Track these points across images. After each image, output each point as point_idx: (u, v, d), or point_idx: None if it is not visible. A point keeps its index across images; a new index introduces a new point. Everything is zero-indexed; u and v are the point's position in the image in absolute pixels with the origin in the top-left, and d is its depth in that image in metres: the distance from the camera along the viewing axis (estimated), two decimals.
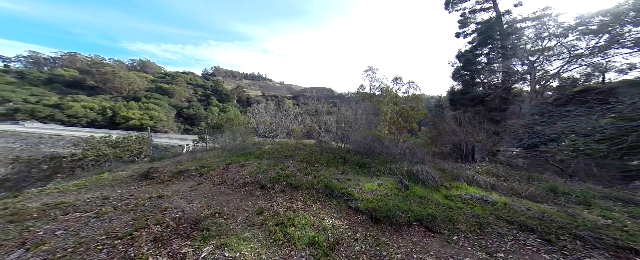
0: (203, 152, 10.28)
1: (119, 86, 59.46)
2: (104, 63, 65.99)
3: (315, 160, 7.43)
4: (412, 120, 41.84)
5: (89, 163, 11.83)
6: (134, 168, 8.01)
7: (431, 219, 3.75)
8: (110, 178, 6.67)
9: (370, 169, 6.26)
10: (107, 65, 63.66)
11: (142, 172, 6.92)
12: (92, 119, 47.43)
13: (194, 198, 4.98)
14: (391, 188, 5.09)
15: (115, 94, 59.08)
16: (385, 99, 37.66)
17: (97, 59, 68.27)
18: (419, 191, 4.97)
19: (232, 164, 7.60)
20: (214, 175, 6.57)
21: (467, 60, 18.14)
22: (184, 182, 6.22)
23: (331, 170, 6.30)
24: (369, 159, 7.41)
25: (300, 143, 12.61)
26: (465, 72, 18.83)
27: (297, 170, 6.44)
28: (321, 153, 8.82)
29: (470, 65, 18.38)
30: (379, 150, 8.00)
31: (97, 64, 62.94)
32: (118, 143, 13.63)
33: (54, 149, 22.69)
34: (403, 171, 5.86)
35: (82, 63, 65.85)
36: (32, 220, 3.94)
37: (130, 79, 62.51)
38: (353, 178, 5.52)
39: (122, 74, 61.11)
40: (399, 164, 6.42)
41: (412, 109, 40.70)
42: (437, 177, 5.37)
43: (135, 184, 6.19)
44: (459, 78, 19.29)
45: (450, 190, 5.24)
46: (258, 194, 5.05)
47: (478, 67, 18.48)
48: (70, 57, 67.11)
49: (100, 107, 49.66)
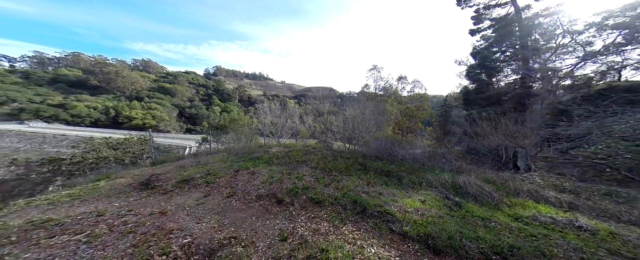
0: (207, 156, 9.63)
1: (121, 86, 59.30)
2: (107, 63, 65.91)
3: (332, 168, 6.73)
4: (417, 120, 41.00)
5: (88, 166, 11.27)
6: (135, 174, 7.38)
7: (514, 252, 2.88)
8: (108, 187, 6.03)
9: (402, 180, 5.51)
10: (110, 65, 63.55)
11: (142, 180, 6.27)
12: (95, 119, 47.24)
13: (203, 215, 4.31)
14: (438, 205, 4.29)
15: (118, 93, 58.92)
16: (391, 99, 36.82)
17: (101, 59, 68.25)
18: (476, 210, 4.11)
19: (240, 170, 6.93)
20: (222, 184, 5.90)
21: (484, 57, 17.29)
22: (190, 193, 5.55)
23: (354, 180, 5.59)
24: (393, 165, 6.68)
25: (309, 146, 11.93)
26: (480, 70, 17.98)
27: (315, 180, 5.74)
28: (335, 158, 8.12)
29: (487, 63, 17.51)
30: (401, 155, 7.27)
31: (100, 63, 62.86)
32: (119, 145, 13.06)
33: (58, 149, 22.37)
34: (445, 183, 5.05)
35: (85, 63, 65.88)
36: (8, 245, 3.29)
37: (132, 78, 62.34)
38: (385, 191, 4.78)
39: (125, 73, 60.95)
40: (435, 174, 5.61)
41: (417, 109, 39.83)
42: (492, 191, 4.55)
43: (135, 195, 5.54)
44: (473, 76, 18.45)
45: (514, 208, 4.33)
46: (275, 211, 4.36)
47: (494, 65, 17.61)
48: (74, 57, 67.15)
49: (104, 107, 49.47)
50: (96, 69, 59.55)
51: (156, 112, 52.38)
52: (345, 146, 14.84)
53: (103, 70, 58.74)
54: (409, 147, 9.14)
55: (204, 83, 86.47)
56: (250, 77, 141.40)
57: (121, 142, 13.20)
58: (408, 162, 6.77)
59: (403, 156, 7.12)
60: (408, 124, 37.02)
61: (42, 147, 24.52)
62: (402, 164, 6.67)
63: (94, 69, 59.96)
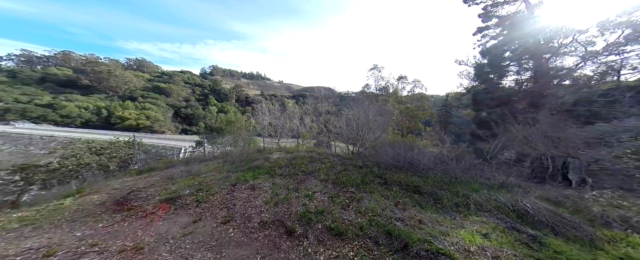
0: (200, 164, 8.54)
1: (114, 85, 57.49)
2: (99, 62, 63.93)
3: (346, 181, 5.71)
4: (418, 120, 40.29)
5: (67, 174, 10.07)
6: (113, 188, 6.26)
7: None
8: (74, 206, 4.92)
9: (441, 201, 4.45)
10: (103, 64, 61.63)
11: (119, 197, 5.18)
12: (86, 119, 45.55)
13: (191, 252, 3.26)
14: (509, 241, 3.18)
15: (111, 93, 57.12)
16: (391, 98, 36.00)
17: (92, 58, 66.19)
18: (567, 250, 2.99)
19: (238, 184, 5.88)
20: (216, 204, 4.85)
21: (494, 56, 16.50)
22: (176, 216, 4.49)
23: (377, 199, 4.58)
24: (416, 177, 5.70)
25: (313, 151, 10.92)
26: (490, 69, 17.19)
27: (329, 200, 4.71)
28: (345, 168, 7.11)
29: (498, 61, 16.69)
30: (423, 164, 6.29)
31: (92, 62, 60.92)
32: (103, 149, 11.84)
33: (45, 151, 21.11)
34: (502, 206, 3.95)
35: (76, 62, 63.79)
36: None
37: (126, 78, 60.55)
38: (424, 217, 3.76)
39: (118, 72, 59.14)
40: (477, 190, 4.54)
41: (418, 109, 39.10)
42: (575, 219, 3.45)
43: (107, 218, 4.46)
44: (482, 76, 17.67)
45: (616, 245, 3.16)
46: (285, 246, 3.32)
47: (505, 63, 16.82)
48: (65, 56, 64.97)
49: (95, 107, 47.76)
50: (87, 68, 57.63)
51: (150, 113, 50.78)
52: (347, 148, 13.90)
53: (95, 70, 56.85)
54: (426, 153, 8.18)
55: (200, 83, 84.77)
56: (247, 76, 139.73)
57: (106, 147, 11.98)
58: (437, 173, 5.75)
59: (427, 165, 6.13)
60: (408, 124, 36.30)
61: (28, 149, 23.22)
62: (427, 176, 5.67)
63: (85, 68, 58.02)
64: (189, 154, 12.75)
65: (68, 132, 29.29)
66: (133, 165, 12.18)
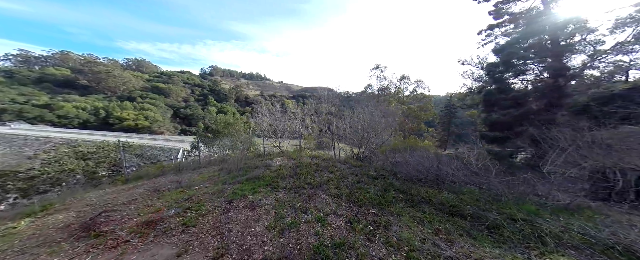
0: (194, 172, 7.61)
1: (113, 85, 56.71)
2: (97, 62, 63.21)
3: (364, 198, 4.76)
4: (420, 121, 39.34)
5: (48, 181, 9.16)
6: (87, 204, 5.31)
7: None
8: (30, 231, 3.99)
9: (500, 230, 3.32)
10: (101, 64, 60.86)
11: (86, 219, 4.24)
12: (84, 120, 44.70)
13: None
14: None
15: (109, 93, 56.34)
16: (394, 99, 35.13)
17: (91, 58, 65.52)
18: None
19: (234, 200, 4.94)
20: (206, 229, 3.90)
21: (508, 55, 15.57)
22: (155, 246, 3.54)
23: (408, 224, 3.62)
24: (447, 193, 4.75)
25: (318, 157, 9.99)
26: (504, 68, 16.26)
27: (346, 225, 3.76)
28: (359, 179, 6.17)
29: (513, 60, 15.74)
30: (451, 175, 5.35)
31: (90, 62, 60.18)
32: (91, 154, 10.92)
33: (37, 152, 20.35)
34: (592, 241, 2.94)
35: (74, 62, 63.08)
36: None
37: (124, 78, 59.76)
38: (485, 255, 2.76)
39: (116, 73, 58.33)
40: (547, 217, 3.53)
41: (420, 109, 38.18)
42: None
43: (66, 249, 3.51)
44: (494, 75, 16.75)
45: None
46: None
47: (519, 62, 15.88)
48: (62, 56, 64.25)
49: (93, 108, 46.96)
50: (86, 68, 56.82)
51: (149, 113, 49.95)
52: (352, 151, 13.00)
53: (93, 70, 56.06)
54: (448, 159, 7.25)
55: (200, 83, 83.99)
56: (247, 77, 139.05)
57: (94, 151, 11.06)
58: (473, 187, 4.78)
59: (457, 177, 5.16)
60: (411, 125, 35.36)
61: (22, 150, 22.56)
62: (461, 192, 4.71)
63: (83, 68, 57.22)
64: (184, 159, 11.81)
65: (65, 133, 28.58)
66: (126, 169, 11.28)
